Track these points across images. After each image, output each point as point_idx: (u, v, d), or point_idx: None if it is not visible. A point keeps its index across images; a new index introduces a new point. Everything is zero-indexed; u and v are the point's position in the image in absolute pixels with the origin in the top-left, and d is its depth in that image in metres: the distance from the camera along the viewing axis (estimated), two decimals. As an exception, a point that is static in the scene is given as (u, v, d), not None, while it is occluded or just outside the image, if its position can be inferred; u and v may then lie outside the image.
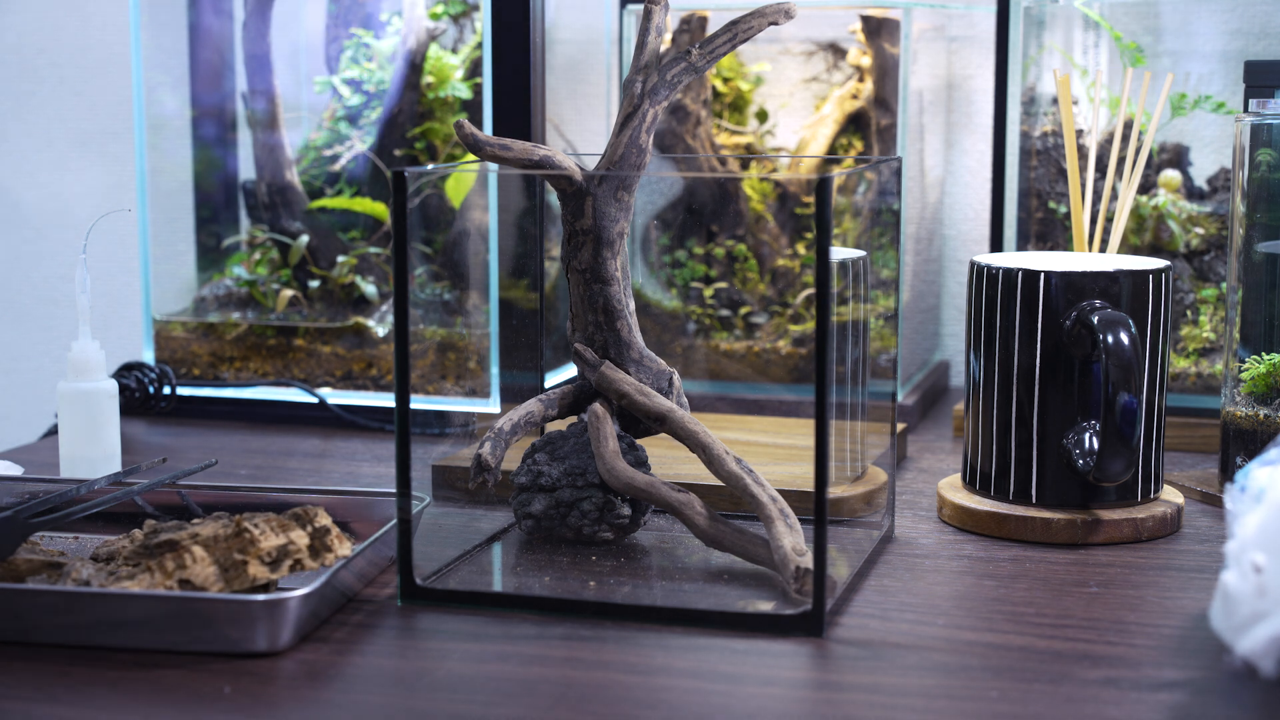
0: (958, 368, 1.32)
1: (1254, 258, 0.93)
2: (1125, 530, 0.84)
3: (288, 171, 1.23)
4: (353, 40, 1.25)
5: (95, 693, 0.63)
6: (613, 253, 0.80)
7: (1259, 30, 1.18)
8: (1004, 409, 0.86)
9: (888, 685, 0.64)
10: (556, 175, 0.78)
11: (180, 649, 0.66)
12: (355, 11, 1.25)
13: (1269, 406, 0.92)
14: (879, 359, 0.89)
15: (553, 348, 1.07)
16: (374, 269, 1.21)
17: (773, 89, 1.25)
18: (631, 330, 0.81)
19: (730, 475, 0.77)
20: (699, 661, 0.66)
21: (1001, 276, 0.86)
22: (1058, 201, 1.15)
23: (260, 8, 1.23)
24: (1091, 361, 0.84)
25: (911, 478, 0.99)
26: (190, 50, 1.25)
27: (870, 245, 1.07)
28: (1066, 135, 1.00)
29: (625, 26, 1.20)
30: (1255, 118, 0.93)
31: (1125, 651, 0.67)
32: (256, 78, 1.23)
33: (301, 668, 0.65)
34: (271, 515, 0.72)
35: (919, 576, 0.78)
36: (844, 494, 0.87)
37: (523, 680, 0.64)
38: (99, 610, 0.67)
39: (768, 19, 0.79)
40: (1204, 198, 1.14)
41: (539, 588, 0.76)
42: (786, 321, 1.17)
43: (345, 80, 1.25)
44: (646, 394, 0.80)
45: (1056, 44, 1.16)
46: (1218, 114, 1.13)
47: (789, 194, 1.20)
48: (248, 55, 1.23)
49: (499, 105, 1.06)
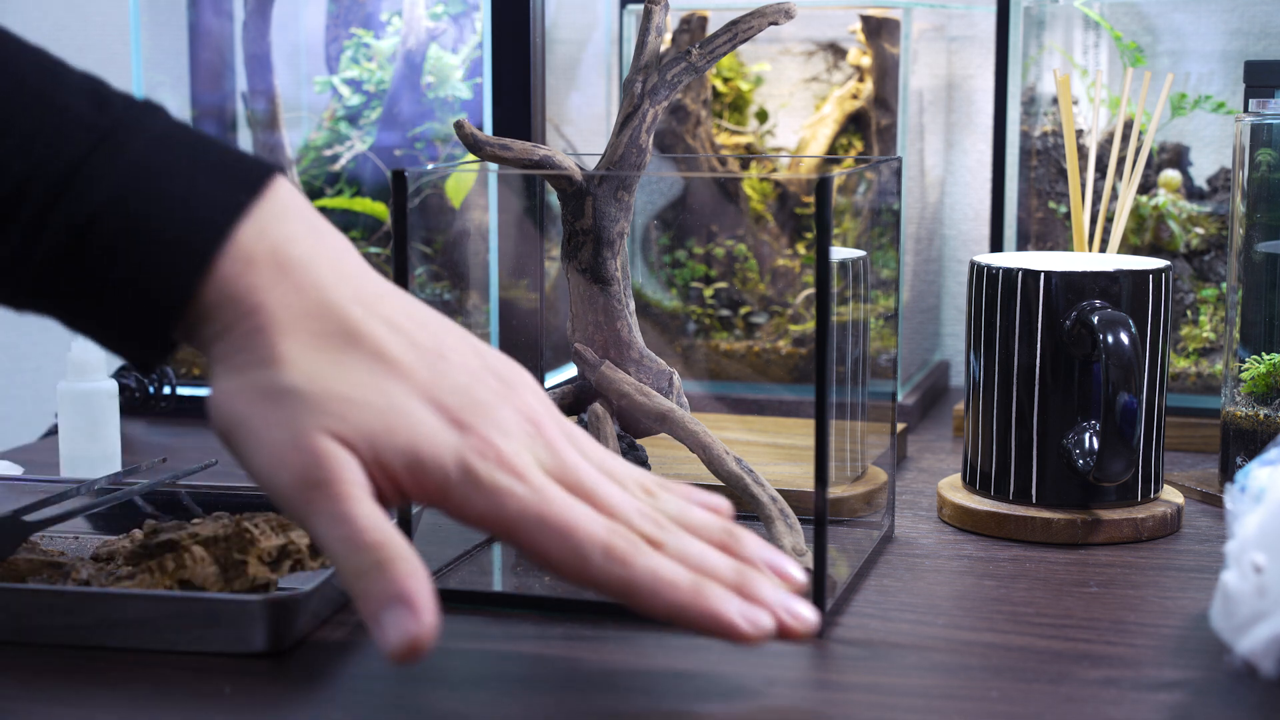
0: (958, 368, 1.32)
1: (1254, 258, 0.93)
2: (1125, 530, 0.84)
3: (288, 171, 1.23)
4: (353, 40, 1.25)
5: (95, 693, 0.63)
6: (613, 253, 0.80)
7: (1259, 30, 1.18)
8: (1004, 409, 0.86)
9: (888, 685, 0.64)
10: (556, 175, 0.78)
11: (180, 649, 0.66)
12: (355, 11, 1.25)
13: (1269, 406, 0.92)
14: (879, 359, 0.89)
15: (553, 348, 1.07)
16: (374, 269, 1.21)
17: (773, 89, 1.25)
18: (631, 330, 0.81)
19: (730, 475, 0.77)
20: (699, 661, 0.66)
21: (1001, 276, 0.86)
22: (1058, 201, 1.15)
23: (260, 8, 1.23)
24: (1091, 361, 0.84)
25: (911, 478, 0.99)
26: (190, 50, 1.25)
27: (870, 245, 1.07)
28: (1066, 135, 1.00)
29: (625, 26, 1.20)
30: (1255, 118, 0.93)
31: (1125, 651, 0.67)
32: (256, 78, 1.23)
33: (301, 668, 0.65)
34: (271, 515, 0.72)
35: (919, 576, 0.78)
36: (844, 494, 0.87)
37: (523, 680, 0.64)
38: (99, 610, 0.67)
39: (768, 19, 0.79)
40: (1204, 198, 1.14)
41: (539, 588, 0.76)
42: (786, 321, 1.17)
43: (345, 80, 1.25)
44: (646, 394, 0.80)
45: (1056, 44, 1.16)
46: (1218, 114, 1.14)
47: (789, 194, 1.20)
48: (248, 55, 1.23)
49: (499, 105, 1.06)
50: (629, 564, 0.58)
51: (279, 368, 0.57)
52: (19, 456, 1.05)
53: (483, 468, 0.58)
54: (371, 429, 0.57)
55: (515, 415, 0.60)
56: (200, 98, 1.26)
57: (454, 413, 0.58)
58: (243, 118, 1.26)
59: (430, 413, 0.58)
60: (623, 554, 0.58)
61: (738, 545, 0.62)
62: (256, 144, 1.24)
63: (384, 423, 0.57)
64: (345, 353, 0.58)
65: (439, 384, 0.59)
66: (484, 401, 0.59)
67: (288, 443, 0.56)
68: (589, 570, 0.58)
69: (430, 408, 0.58)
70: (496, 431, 0.59)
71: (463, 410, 0.58)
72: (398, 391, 0.58)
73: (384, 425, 0.57)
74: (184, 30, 1.25)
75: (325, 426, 0.56)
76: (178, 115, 1.25)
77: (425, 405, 0.58)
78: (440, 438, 0.58)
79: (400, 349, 0.59)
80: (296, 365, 0.57)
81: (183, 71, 1.25)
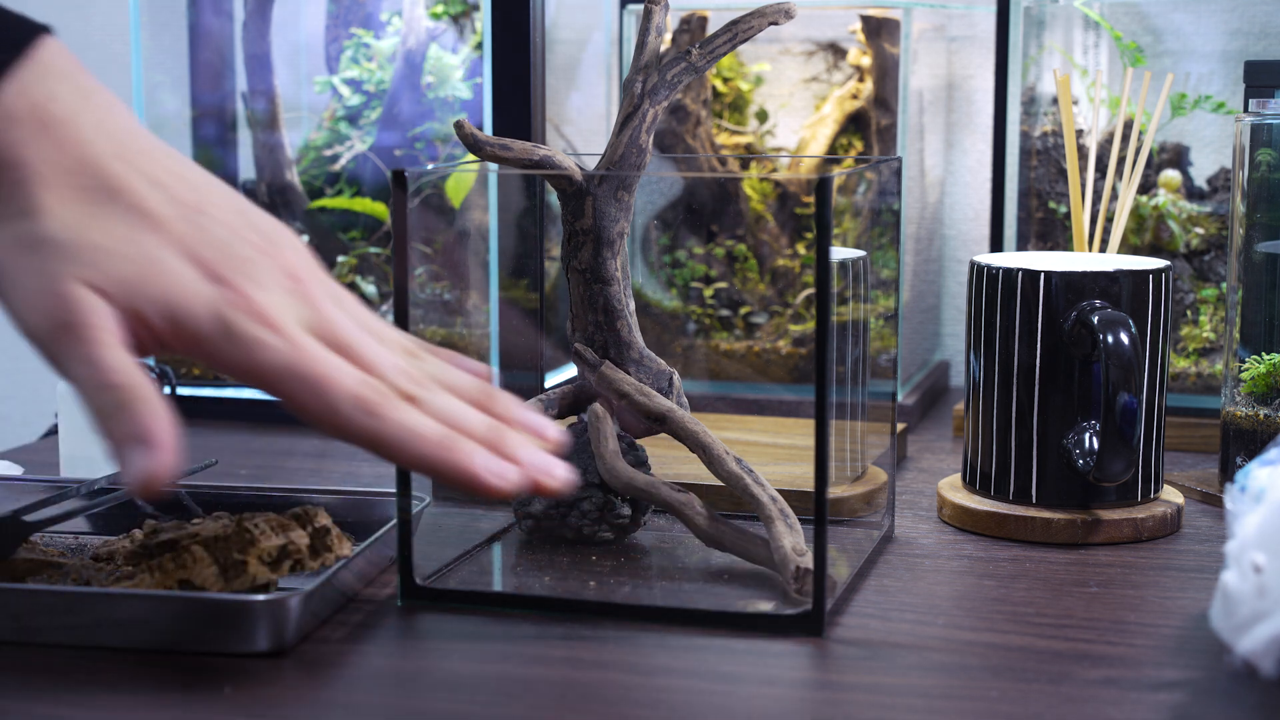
0: (958, 368, 1.32)
1: (1254, 258, 0.93)
2: (1125, 530, 0.84)
3: (288, 171, 1.23)
4: (353, 40, 1.25)
5: (95, 693, 0.63)
6: (613, 253, 0.80)
7: (1259, 30, 1.18)
8: (1004, 409, 0.86)
9: (888, 685, 0.64)
10: (556, 175, 0.78)
11: (180, 649, 0.66)
12: (355, 11, 1.25)
13: (1269, 406, 0.92)
14: (879, 359, 0.89)
15: (553, 348, 1.07)
16: (374, 269, 1.21)
17: (773, 89, 1.25)
18: (631, 330, 0.81)
19: (730, 475, 0.77)
20: (699, 661, 0.66)
21: (1001, 276, 0.86)
22: (1058, 201, 1.15)
23: (260, 8, 1.23)
24: (1091, 361, 0.84)
25: (911, 478, 0.99)
26: (190, 50, 1.25)
27: (870, 245, 1.07)
28: (1066, 135, 1.00)
29: (625, 26, 1.20)
30: (1255, 118, 0.93)
31: (1125, 651, 0.67)
32: (256, 78, 1.23)
33: (301, 668, 0.65)
34: (271, 515, 0.72)
35: (919, 576, 0.78)
36: (844, 494, 0.87)
37: (523, 680, 0.64)
38: (99, 610, 0.67)
39: (768, 19, 0.79)
40: (1204, 198, 1.14)
41: (539, 588, 0.76)
42: (786, 321, 1.17)
43: (345, 80, 1.25)
44: (646, 394, 0.80)
45: (1056, 44, 1.16)
46: (1218, 114, 1.14)
47: (789, 194, 1.20)
48: (248, 55, 1.23)
49: (499, 105, 1.06)
50: (379, 415, 0.60)
51: (37, 218, 0.59)
52: (19, 456, 1.05)
53: (236, 319, 0.60)
54: (125, 278, 0.59)
55: (275, 271, 0.62)
56: (200, 98, 1.26)
57: (211, 266, 0.60)
58: (243, 118, 1.26)
59: (187, 265, 0.60)
60: (373, 405, 0.60)
61: (494, 404, 0.64)
62: (257, 144, 1.24)
63: (138, 272, 0.59)
64: (104, 206, 0.60)
65: (198, 238, 0.61)
66: (243, 256, 0.61)
67: (42, 289, 0.59)
68: (339, 420, 0.60)
69: (187, 261, 0.60)
70: (252, 285, 0.61)
71: (219, 264, 0.61)
72: (153, 243, 0.60)
73: (138, 275, 0.59)
74: (184, 30, 1.25)
75: (78, 275, 0.59)
76: (177, 115, 1.26)
77: (182, 258, 0.60)
78: (194, 288, 0.60)
79: (159, 203, 0.61)
80: (54, 215, 0.59)
81: (183, 71, 1.25)
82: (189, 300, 0.60)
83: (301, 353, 0.60)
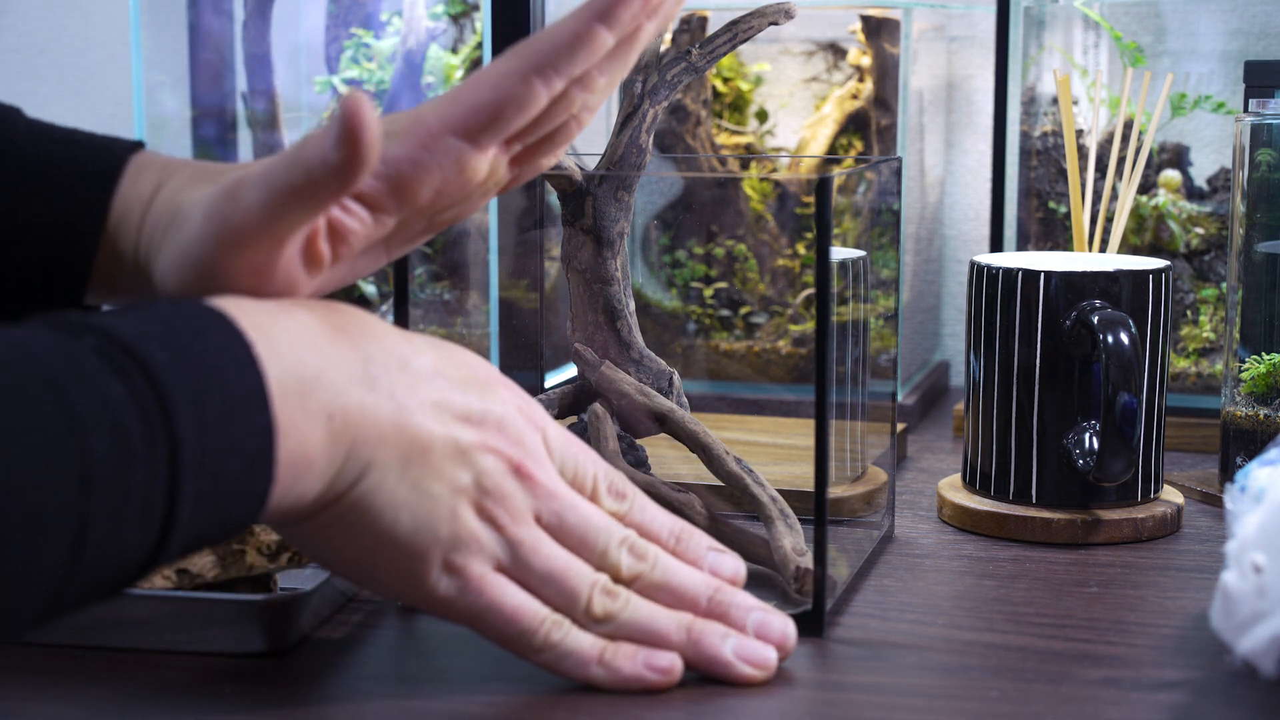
0: (958, 368, 1.32)
1: (1254, 258, 0.93)
2: (1125, 530, 0.84)
3: (288, 171, 1.23)
4: (353, 40, 1.25)
5: (95, 693, 0.62)
6: (613, 253, 0.80)
7: (1259, 30, 1.18)
8: (1004, 409, 0.86)
9: (888, 685, 0.64)
10: (556, 175, 0.78)
11: (180, 649, 0.66)
12: (355, 11, 1.25)
13: (1269, 406, 0.92)
14: (879, 359, 0.89)
15: (553, 348, 1.07)
16: (374, 271, 1.21)
17: (773, 89, 1.25)
18: (631, 330, 0.81)
19: (730, 475, 0.77)
20: (699, 661, 0.66)
21: (1001, 276, 0.86)
22: (1058, 201, 1.15)
23: (260, 8, 1.23)
24: (1091, 361, 0.84)
25: (911, 478, 0.99)
26: (190, 50, 1.25)
27: (870, 245, 1.07)
28: (1066, 135, 1.00)
29: (625, 26, 1.20)
30: (1255, 118, 0.93)
31: (1125, 651, 0.67)
32: (256, 78, 1.23)
33: (301, 668, 0.65)
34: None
35: (919, 576, 0.78)
36: (844, 494, 0.87)
37: (523, 680, 0.64)
38: (99, 610, 0.67)
39: (768, 19, 0.79)
40: (1204, 198, 1.14)
41: (539, 588, 0.76)
42: (786, 321, 1.17)
43: (345, 80, 1.25)
44: (646, 394, 0.80)
45: (1056, 44, 1.16)
46: (1218, 114, 1.14)
47: (789, 194, 1.20)
48: (248, 55, 1.23)
49: (499, 105, 1.06)
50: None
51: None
52: (19, 456, 1.05)
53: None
54: None
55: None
56: (200, 98, 1.26)
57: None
58: (243, 118, 1.26)
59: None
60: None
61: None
62: (256, 144, 1.24)
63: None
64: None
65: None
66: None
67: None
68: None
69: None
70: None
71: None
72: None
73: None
74: (184, 30, 1.25)
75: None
76: (177, 116, 1.26)
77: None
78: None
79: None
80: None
81: (183, 71, 1.25)
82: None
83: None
